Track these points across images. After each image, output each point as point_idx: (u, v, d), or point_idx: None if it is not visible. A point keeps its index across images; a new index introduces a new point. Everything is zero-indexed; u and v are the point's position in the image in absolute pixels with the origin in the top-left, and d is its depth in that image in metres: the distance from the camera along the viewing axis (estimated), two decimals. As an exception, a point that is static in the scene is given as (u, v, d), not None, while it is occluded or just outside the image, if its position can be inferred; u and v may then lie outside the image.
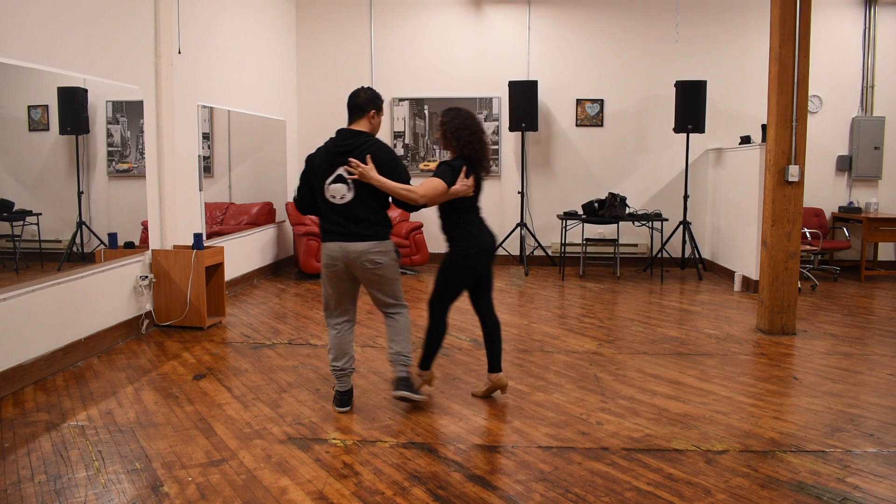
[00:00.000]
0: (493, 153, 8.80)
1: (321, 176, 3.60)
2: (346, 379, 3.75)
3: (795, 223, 5.34)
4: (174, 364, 4.59)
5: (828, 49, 8.27)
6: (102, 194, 5.07)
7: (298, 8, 8.85)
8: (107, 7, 4.91)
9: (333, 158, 3.58)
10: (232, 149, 7.27)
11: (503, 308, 6.31)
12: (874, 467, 3.07)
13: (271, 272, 8.02)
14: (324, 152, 3.63)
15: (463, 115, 3.91)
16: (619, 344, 5.14)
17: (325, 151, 3.63)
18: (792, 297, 5.38)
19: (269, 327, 5.56)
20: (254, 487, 2.87)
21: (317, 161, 3.63)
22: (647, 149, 8.68)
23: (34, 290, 4.19)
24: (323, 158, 3.61)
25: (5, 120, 4.20)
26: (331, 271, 3.64)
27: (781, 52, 5.19)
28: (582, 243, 8.26)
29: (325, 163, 3.59)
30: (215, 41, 6.63)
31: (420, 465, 3.09)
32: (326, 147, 3.64)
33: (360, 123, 3.67)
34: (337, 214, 3.59)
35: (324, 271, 3.68)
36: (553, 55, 8.67)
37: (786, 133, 5.26)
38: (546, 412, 3.74)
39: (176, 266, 5.41)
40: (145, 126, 5.41)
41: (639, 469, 3.05)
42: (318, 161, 3.62)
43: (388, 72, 8.77)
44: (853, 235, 8.26)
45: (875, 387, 4.21)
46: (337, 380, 3.76)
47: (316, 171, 3.62)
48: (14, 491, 2.82)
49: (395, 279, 3.73)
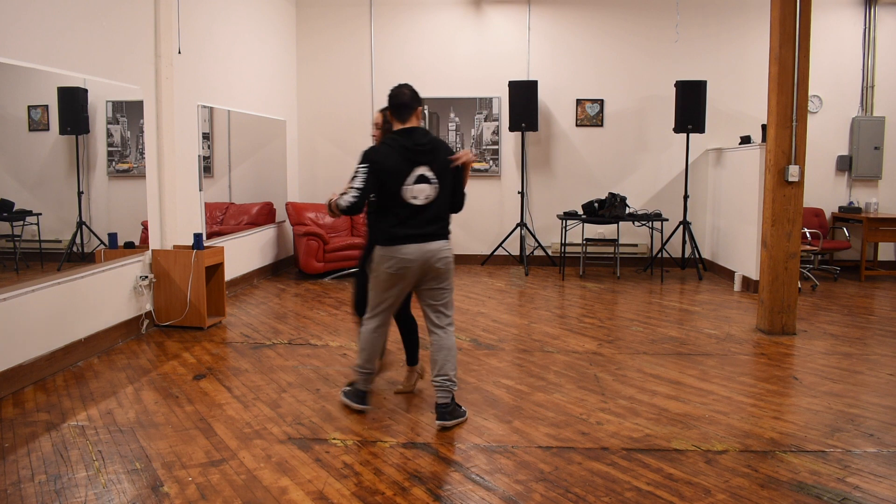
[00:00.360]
0: (494, 153, 8.80)
1: (398, 177, 3.40)
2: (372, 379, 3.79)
3: (795, 223, 5.34)
4: (174, 364, 4.59)
5: (828, 49, 8.27)
6: (102, 194, 5.07)
7: (298, 8, 8.85)
8: (107, 7, 4.91)
9: (415, 157, 3.43)
10: (232, 149, 7.27)
11: (503, 308, 6.31)
12: (874, 467, 3.07)
13: (271, 272, 8.02)
14: (399, 152, 3.42)
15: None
16: (619, 344, 5.14)
17: (400, 151, 3.42)
18: (792, 297, 5.38)
19: (269, 327, 5.56)
20: (254, 487, 2.87)
21: (390, 162, 3.40)
22: (647, 149, 8.68)
23: (34, 290, 4.19)
24: (399, 159, 3.41)
25: (5, 120, 4.20)
26: (400, 273, 3.46)
27: (781, 52, 5.19)
28: (582, 243, 8.26)
29: (404, 163, 3.41)
30: (215, 41, 6.63)
31: (420, 465, 3.09)
32: (396, 146, 3.44)
33: (412, 121, 3.53)
34: (415, 216, 3.44)
35: (387, 274, 3.47)
36: (553, 55, 8.67)
37: (786, 133, 5.26)
38: (546, 412, 3.74)
39: (176, 266, 5.41)
40: (145, 126, 5.41)
41: (639, 469, 3.05)
42: (392, 162, 3.40)
43: (388, 72, 8.77)
44: (853, 235, 8.26)
45: (875, 387, 4.21)
46: (364, 379, 3.72)
47: (390, 172, 3.40)
48: (14, 491, 2.82)
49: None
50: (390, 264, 3.45)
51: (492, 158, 8.80)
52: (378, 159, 3.42)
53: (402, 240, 3.43)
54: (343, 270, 7.82)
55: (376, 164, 3.41)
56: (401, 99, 3.52)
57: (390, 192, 3.42)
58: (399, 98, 3.52)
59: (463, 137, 8.78)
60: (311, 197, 8.98)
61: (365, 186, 3.39)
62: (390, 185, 3.41)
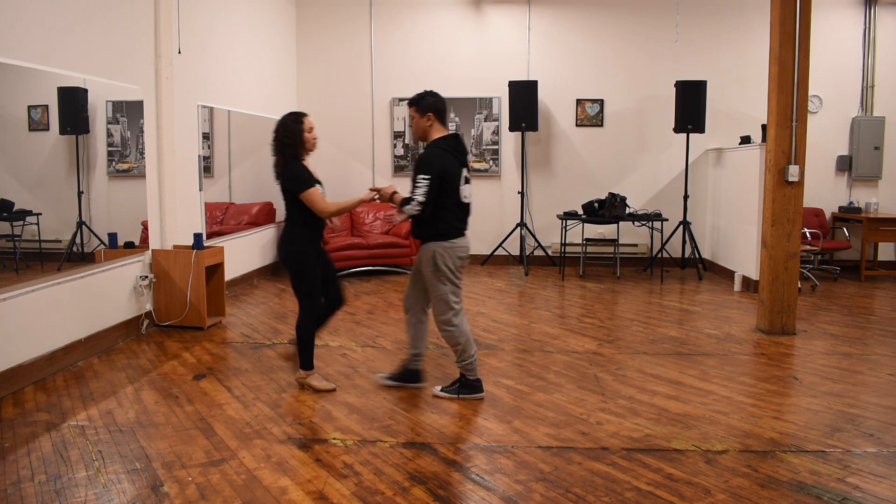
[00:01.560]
0: (494, 153, 8.79)
1: (457, 179, 3.77)
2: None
3: (795, 223, 5.33)
4: (174, 364, 4.59)
5: (828, 49, 8.26)
6: (102, 194, 5.07)
7: (298, 8, 8.85)
8: (107, 7, 4.91)
9: (463, 160, 3.83)
10: (232, 149, 7.27)
11: (503, 308, 6.31)
12: (874, 467, 3.07)
13: (271, 272, 8.02)
14: (454, 156, 3.77)
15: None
16: (619, 344, 5.14)
17: (455, 155, 3.78)
18: (792, 297, 5.38)
19: (269, 327, 5.56)
20: (254, 487, 2.87)
21: (450, 165, 3.74)
22: (647, 149, 8.68)
23: (34, 290, 4.19)
24: (455, 163, 3.77)
25: (5, 120, 4.20)
26: (464, 260, 3.86)
27: (781, 52, 5.19)
28: (582, 243, 8.26)
29: (459, 167, 3.79)
30: (215, 41, 6.63)
31: (420, 465, 3.09)
32: (451, 151, 3.78)
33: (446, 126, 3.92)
34: (466, 213, 3.87)
35: (455, 261, 3.80)
36: (553, 55, 8.67)
37: (786, 133, 5.26)
38: (546, 412, 3.74)
39: (176, 266, 5.41)
40: (145, 126, 5.41)
41: (639, 469, 3.05)
42: (452, 165, 3.75)
43: (388, 72, 8.77)
44: (853, 235, 8.26)
45: (875, 387, 4.21)
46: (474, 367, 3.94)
47: (453, 174, 3.74)
48: (14, 491, 2.82)
49: None
50: (456, 258, 3.80)
51: (492, 158, 8.80)
52: (443, 164, 3.72)
53: (460, 233, 3.84)
54: (343, 270, 7.82)
55: (443, 168, 3.71)
56: (444, 105, 3.90)
57: (451, 192, 3.75)
58: (444, 104, 3.89)
59: (463, 137, 8.77)
60: (311, 197, 8.97)
61: (431, 188, 3.68)
62: (450, 187, 3.75)
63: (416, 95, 3.87)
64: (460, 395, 3.93)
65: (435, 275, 3.79)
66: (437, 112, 3.82)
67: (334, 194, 8.94)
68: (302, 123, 3.94)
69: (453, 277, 3.82)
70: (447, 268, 3.78)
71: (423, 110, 3.82)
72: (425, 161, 3.70)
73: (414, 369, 4.09)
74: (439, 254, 3.76)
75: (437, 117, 3.83)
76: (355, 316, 5.95)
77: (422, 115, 3.83)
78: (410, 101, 3.89)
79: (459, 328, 3.86)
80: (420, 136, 3.89)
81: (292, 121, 3.94)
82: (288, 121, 3.94)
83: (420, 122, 3.84)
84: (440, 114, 3.84)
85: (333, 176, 8.91)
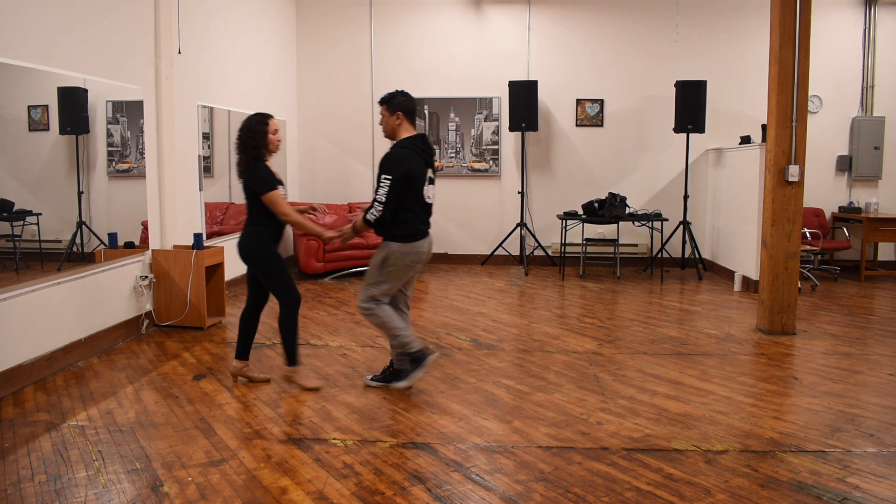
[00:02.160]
0: (494, 153, 8.80)
1: (422, 180, 3.83)
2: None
3: (795, 223, 5.33)
4: (174, 364, 4.59)
5: (828, 49, 8.26)
6: (102, 194, 5.07)
7: (298, 8, 8.85)
8: (107, 7, 4.91)
9: (428, 161, 3.89)
10: (232, 149, 7.24)
11: (503, 308, 6.31)
12: (874, 467, 3.07)
13: (271, 272, 8.01)
14: (420, 156, 3.82)
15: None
16: (619, 344, 5.14)
17: (420, 155, 3.82)
18: (792, 297, 5.38)
19: (269, 327, 5.56)
20: (254, 487, 2.87)
21: (416, 165, 3.79)
22: (647, 149, 8.68)
23: (34, 290, 4.19)
24: (421, 163, 3.82)
25: (5, 120, 4.20)
26: (416, 264, 3.92)
27: (781, 52, 5.19)
28: (582, 243, 8.26)
29: (424, 167, 3.85)
30: (215, 41, 6.63)
31: (420, 465, 3.09)
32: (417, 151, 3.82)
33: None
34: (428, 213, 3.94)
35: (405, 265, 3.87)
36: (553, 55, 8.67)
37: (786, 133, 5.26)
38: (546, 412, 3.74)
39: (176, 266, 5.41)
40: (145, 126, 5.41)
41: (639, 469, 3.05)
42: (418, 165, 3.80)
43: (388, 72, 8.77)
44: (853, 235, 8.26)
45: (875, 387, 4.21)
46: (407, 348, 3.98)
47: (419, 174, 3.80)
48: (14, 491, 2.82)
49: None
50: (410, 257, 3.85)
51: (492, 158, 8.80)
52: (409, 164, 3.76)
53: (422, 235, 3.89)
54: (343, 270, 7.82)
55: (408, 169, 3.75)
56: (414, 105, 3.94)
57: (416, 192, 3.81)
58: (413, 104, 3.94)
59: (463, 137, 8.78)
60: (311, 197, 8.98)
61: (394, 189, 3.73)
62: (416, 187, 3.81)
63: (387, 94, 3.93)
64: (414, 372, 4.00)
65: (380, 268, 3.88)
66: (407, 112, 3.89)
67: (334, 194, 9.00)
68: (267, 125, 3.97)
69: (394, 279, 3.90)
70: (394, 268, 3.86)
71: (393, 109, 3.89)
72: (391, 161, 3.75)
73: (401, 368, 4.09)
74: (394, 253, 3.84)
75: (406, 117, 3.89)
76: (355, 316, 5.95)
77: (391, 114, 3.90)
78: (381, 99, 3.95)
79: (381, 315, 3.92)
80: (388, 134, 3.96)
81: (257, 122, 3.96)
82: (252, 122, 3.97)
83: (389, 121, 3.91)
84: (409, 113, 3.90)
85: (334, 176, 8.94)
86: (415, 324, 5.71)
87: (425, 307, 6.42)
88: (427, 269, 8.38)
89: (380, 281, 3.90)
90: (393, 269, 3.86)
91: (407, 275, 3.95)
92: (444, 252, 8.85)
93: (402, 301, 4.12)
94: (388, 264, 3.86)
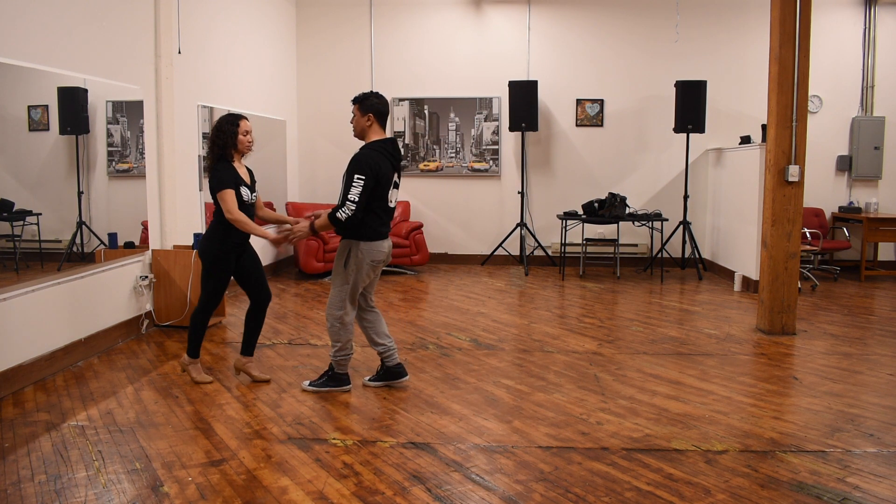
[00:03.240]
0: (494, 153, 8.80)
1: (388, 183, 3.85)
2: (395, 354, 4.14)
3: (795, 223, 5.34)
4: (174, 364, 4.58)
5: (828, 49, 8.26)
6: (102, 194, 5.07)
7: (298, 8, 8.85)
8: (107, 7, 4.91)
9: (396, 166, 3.92)
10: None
11: (503, 308, 6.31)
12: (874, 467, 3.07)
13: (272, 272, 8.01)
14: (389, 161, 3.84)
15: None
16: (619, 344, 5.14)
17: (389, 160, 3.84)
18: (792, 297, 5.38)
19: (270, 327, 5.56)
20: (254, 487, 2.87)
21: (384, 169, 3.79)
22: (647, 149, 8.68)
23: (34, 290, 4.19)
24: (389, 167, 3.84)
25: (5, 120, 4.20)
26: (378, 265, 3.94)
27: (781, 52, 5.19)
28: (582, 243, 8.25)
29: (392, 171, 3.87)
30: (215, 41, 6.63)
31: (420, 465, 3.09)
32: (385, 155, 3.83)
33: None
34: (390, 216, 3.96)
35: (369, 266, 3.89)
36: (553, 55, 8.67)
37: (786, 133, 5.26)
38: (546, 412, 3.74)
39: (176, 266, 5.41)
40: (145, 126, 5.41)
41: (639, 469, 3.05)
42: (386, 168, 3.81)
43: (388, 72, 8.77)
44: (853, 235, 8.26)
45: (875, 387, 4.21)
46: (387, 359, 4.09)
47: (386, 177, 3.82)
48: (14, 491, 2.82)
49: None
50: (373, 257, 3.88)
51: (492, 158, 8.80)
52: (378, 167, 3.76)
53: (384, 235, 3.93)
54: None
55: (377, 172, 3.76)
56: (387, 108, 3.96)
57: (379, 196, 3.82)
58: (386, 107, 3.95)
59: (463, 137, 8.78)
60: (311, 197, 8.98)
61: (365, 191, 3.72)
62: (383, 190, 3.83)
63: (361, 94, 3.94)
64: (328, 387, 4.04)
65: (344, 270, 3.88)
66: (378, 114, 3.90)
67: (334, 195, 8.95)
68: (237, 126, 3.99)
69: (361, 277, 3.90)
70: (358, 267, 3.86)
71: (365, 110, 3.89)
72: (362, 162, 3.74)
73: (392, 366, 4.12)
74: (355, 251, 3.85)
75: (377, 119, 3.91)
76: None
77: (363, 115, 3.91)
78: (354, 98, 3.95)
79: (346, 328, 3.95)
80: (358, 134, 3.97)
81: (227, 122, 4.00)
82: (223, 121, 4.01)
83: (360, 121, 3.92)
84: (381, 116, 3.91)
85: (333, 176, 8.91)
86: (415, 324, 5.71)
87: (425, 307, 6.42)
88: (427, 269, 8.38)
89: (345, 282, 3.90)
90: (357, 268, 3.86)
91: (370, 276, 3.95)
92: (444, 252, 8.85)
93: (363, 303, 4.10)
94: (352, 264, 3.86)
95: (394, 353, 4.11)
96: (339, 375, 4.06)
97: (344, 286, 3.91)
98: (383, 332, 4.12)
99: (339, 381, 4.06)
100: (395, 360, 4.12)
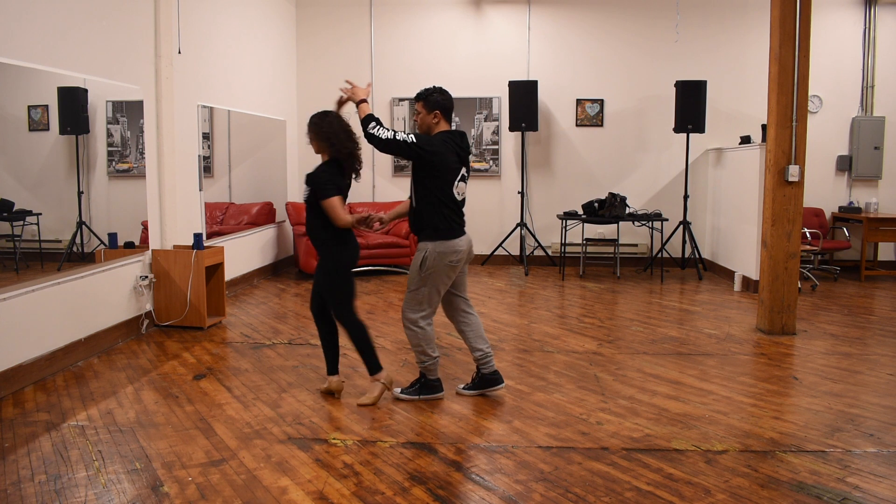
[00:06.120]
0: (494, 153, 8.80)
1: (453, 174, 3.74)
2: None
3: (795, 223, 5.34)
4: (174, 364, 4.59)
5: (828, 49, 8.26)
6: (102, 194, 5.07)
7: (298, 8, 8.85)
8: (107, 7, 4.91)
9: (464, 157, 3.82)
10: (232, 149, 7.27)
11: (503, 308, 6.31)
12: (874, 467, 3.07)
13: (271, 272, 8.02)
14: (455, 151, 3.75)
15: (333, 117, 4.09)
16: (619, 344, 5.14)
17: (455, 150, 3.75)
18: (792, 297, 5.38)
19: (269, 327, 5.56)
20: (254, 487, 2.87)
21: (449, 158, 3.71)
22: (647, 149, 8.68)
23: (34, 290, 4.19)
24: (455, 159, 3.75)
25: (5, 120, 4.21)
26: (456, 264, 3.78)
27: (781, 52, 5.19)
28: (582, 243, 8.25)
29: (458, 163, 3.77)
30: (215, 41, 6.63)
31: (420, 465, 3.09)
32: (452, 146, 3.74)
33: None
34: (460, 210, 3.82)
35: (446, 267, 3.74)
36: (553, 55, 8.67)
37: (786, 133, 5.26)
38: (546, 412, 3.74)
39: (176, 266, 5.41)
40: (145, 126, 5.41)
41: (639, 469, 3.05)
42: (450, 159, 3.72)
43: (388, 72, 8.77)
44: (853, 235, 8.26)
45: (875, 387, 4.21)
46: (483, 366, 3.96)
47: (447, 166, 3.72)
48: (14, 491, 2.82)
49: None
50: (447, 257, 3.73)
51: (492, 158, 8.80)
52: (442, 153, 3.69)
53: (458, 231, 3.79)
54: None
55: (442, 157, 3.68)
56: (451, 103, 3.86)
57: (443, 185, 3.72)
58: (451, 102, 3.86)
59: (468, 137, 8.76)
60: (311, 197, 8.97)
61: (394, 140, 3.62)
62: (446, 179, 3.72)
63: (424, 91, 3.83)
64: (420, 395, 3.91)
65: (419, 271, 3.76)
66: (444, 110, 3.81)
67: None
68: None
69: (439, 279, 3.76)
70: (433, 270, 3.73)
71: (431, 107, 3.80)
72: (428, 139, 3.71)
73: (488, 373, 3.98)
74: (430, 254, 3.71)
75: (444, 115, 3.82)
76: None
77: (429, 112, 3.82)
78: (418, 95, 3.84)
79: (425, 331, 3.82)
80: (425, 132, 3.86)
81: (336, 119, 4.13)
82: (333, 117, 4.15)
83: (426, 119, 3.82)
84: (447, 112, 3.82)
85: (333, 176, 8.91)
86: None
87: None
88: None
89: (420, 286, 3.76)
90: (432, 271, 3.72)
91: (449, 277, 3.78)
92: (444, 252, 8.84)
93: (461, 303, 3.97)
94: (426, 267, 3.72)
95: (491, 360, 3.95)
96: (431, 382, 3.91)
97: (420, 289, 3.77)
98: (481, 336, 3.96)
99: (431, 389, 3.91)
100: (491, 367, 3.95)
